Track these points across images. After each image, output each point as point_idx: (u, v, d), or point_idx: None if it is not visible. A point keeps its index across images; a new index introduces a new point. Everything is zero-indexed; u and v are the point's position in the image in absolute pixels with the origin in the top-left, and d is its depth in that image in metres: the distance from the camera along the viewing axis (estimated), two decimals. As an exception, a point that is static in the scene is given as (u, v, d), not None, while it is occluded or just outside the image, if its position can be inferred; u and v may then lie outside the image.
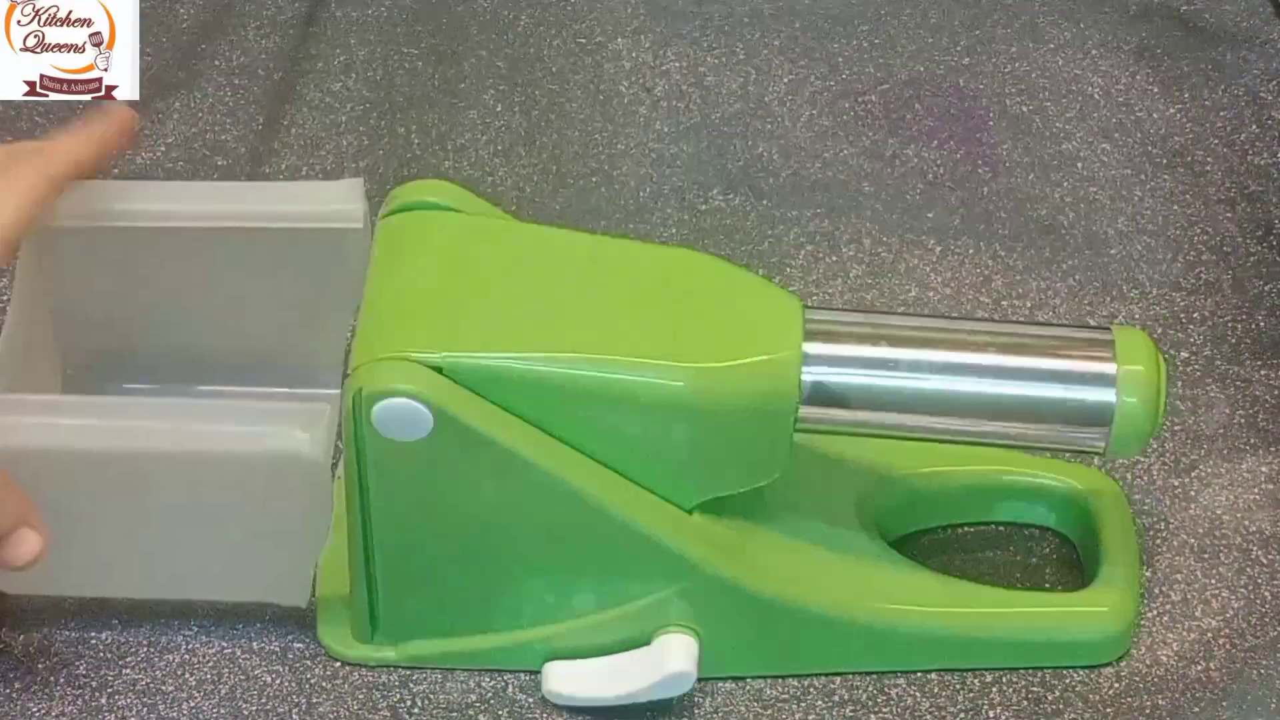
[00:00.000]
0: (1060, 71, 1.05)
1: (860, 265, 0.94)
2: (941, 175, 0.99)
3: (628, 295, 0.73)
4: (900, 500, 0.81)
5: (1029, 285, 0.93)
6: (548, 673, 0.76)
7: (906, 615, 0.77)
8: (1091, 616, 0.78)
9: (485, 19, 1.08)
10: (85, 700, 0.76)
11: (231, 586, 0.77)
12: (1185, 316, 0.92)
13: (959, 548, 0.83)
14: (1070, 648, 0.78)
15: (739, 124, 1.02)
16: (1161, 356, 0.73)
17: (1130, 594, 0.78)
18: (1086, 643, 0.78)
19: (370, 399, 0.69)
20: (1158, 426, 0.73)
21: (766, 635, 0.76)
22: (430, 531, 0.73)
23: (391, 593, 0.75)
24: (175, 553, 0.74)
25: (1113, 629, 0.78)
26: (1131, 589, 0.79)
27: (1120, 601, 0.78)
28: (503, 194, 0.97)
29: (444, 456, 0.70)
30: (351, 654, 0.77)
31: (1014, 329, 0.77)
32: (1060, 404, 0.73)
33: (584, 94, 1.04)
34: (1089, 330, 0.75)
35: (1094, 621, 0.78)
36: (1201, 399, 0.88)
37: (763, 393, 0.71)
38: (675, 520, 0.74)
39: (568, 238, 0.77)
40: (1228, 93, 1.04)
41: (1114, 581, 0.78)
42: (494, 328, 0.71)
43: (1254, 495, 0.84)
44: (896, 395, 0.73)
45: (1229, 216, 0.97)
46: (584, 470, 0.72)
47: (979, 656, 0.78)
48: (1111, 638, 0.78)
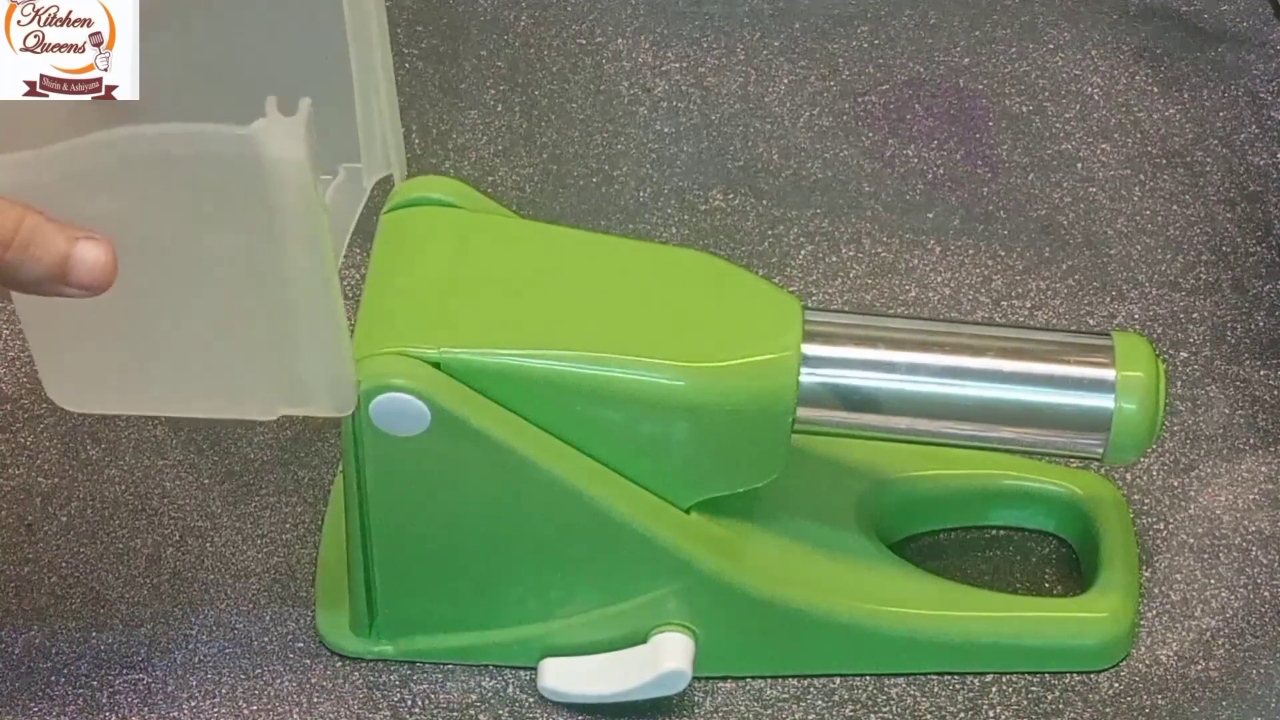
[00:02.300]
0: (1060, 72, 1.05)
1: (860, 265, 0.94)
2: (941, 175, 0.99)
3: (627, 294, 0.73)
4: (899, 503, 0.81)
5: (1029, 285, 0.93)
6: (544, 669, 0.76)
7: (904, 618, 0.77)
8: (1091, 622, 0.78)
9: (485, 19, 1.08)
10: (85, 700, 0.76)
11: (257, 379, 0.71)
12: (1185, 316, 0.92)
13: (957, 551, 0.83)
14: (1069, 652, 0.78)
15: (739, 124, 1.02)
16: (1161, 362, 0.73)
17: (1130, 599, 0.78)
18: (1085, 648, 0.77)
19: (368, 394, 0.69)
20: (1157, 434, 0.73)
21: (763, 635, 0.76)
22: (428, 526, 0.73)
23: (389, 587, 0.75)
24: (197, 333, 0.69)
25: (1112, 634, 0.78)
26: (1131, 594, 0.79)
27: (1120, 606, 0.78)
28: (503, 194, 0.97)
29: (441, 452, 0.71)
30: (349, 647, 0.77)
31: (1014, 333, 0.77)
32: (1059, 409, 0.73)
33: (584, 94, 1.04)
34: (1088, 335, 0.75)
35: (1093, 626, 0.78)
36: (1201, 399, 0.88)
37: (761, 393, 0.72)
38: (672, 519, 0.74)
39: (569, 236, 0.77)
40: (1227, 93, 1.04)
41: (1113, 586, 0.78)
42: (493, 324, 0.72)
43: (1253, 495, 0.84)
44: (895, 398, 0.73)
45: (1229, 216, 0.97)
46: (581, 468, 0.72)
47: (976, 661, 0.78)
48: (1111, 643, 0.78)
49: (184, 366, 0.70)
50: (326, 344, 0.68)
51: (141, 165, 0.64)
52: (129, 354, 0.69)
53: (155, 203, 0.65)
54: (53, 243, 0.64)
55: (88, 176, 0.64)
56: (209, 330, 0.69)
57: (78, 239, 0.64)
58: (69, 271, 0.64)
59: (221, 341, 0.69)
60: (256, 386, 0.70)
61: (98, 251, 0.64)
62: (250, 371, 0.70)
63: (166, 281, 0.67)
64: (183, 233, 0.66)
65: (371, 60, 0.75)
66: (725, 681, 0.77)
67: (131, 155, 0.64)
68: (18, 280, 0.65)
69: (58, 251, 0.64)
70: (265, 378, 0.70)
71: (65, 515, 0.82)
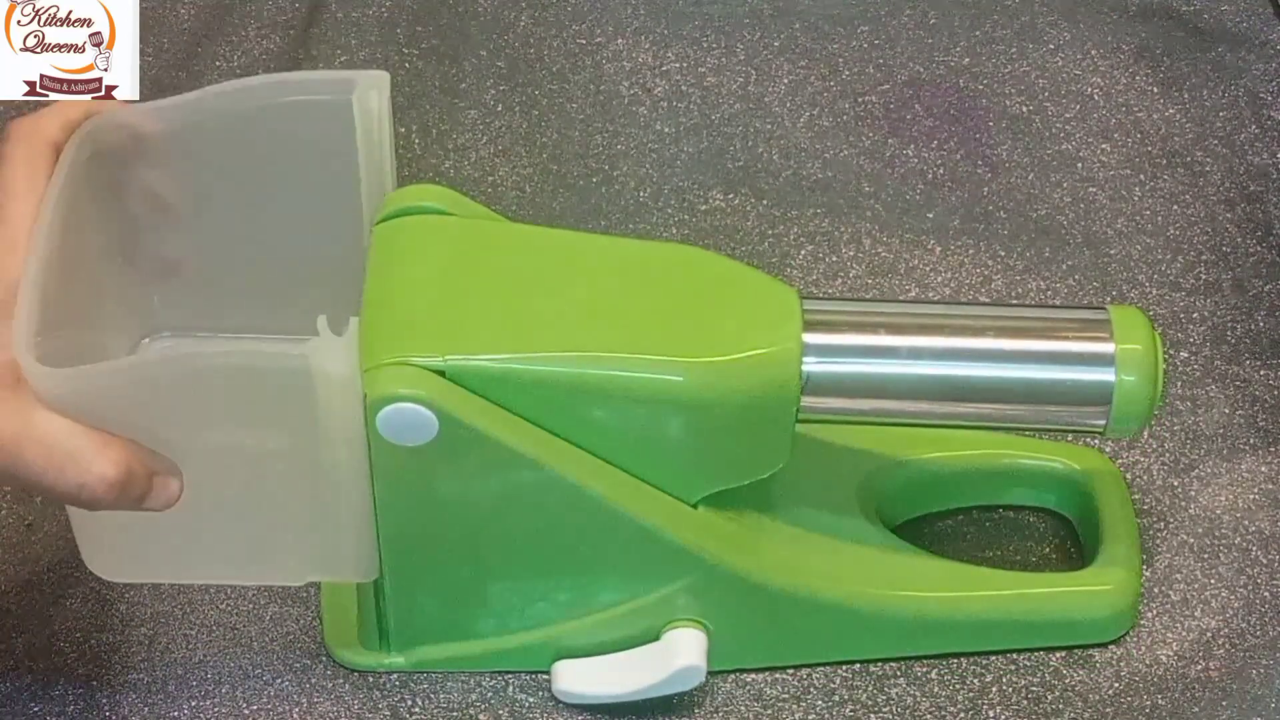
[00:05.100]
0: (1060, 72, 1.05)
1: (860, 265, 0.94)
2: (941, 175, 0.99)
3: (625, 292, 0.73)
4: (900, 486, 0.82)
5: (1029, 285, 0.93)
6: (558, 671, 0.76)
7: (913, 601, 0.77)
8: (1096, 595, 0.78)
9: (485, 19, 1.08)
10: (85, 700, 0.76)
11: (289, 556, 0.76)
12: (1185, 316, 0.92)
13: (959, 532, 0.83)
14: (1075, 626, 0.78)
15: (739, 124, 1.02)
16: (1157, 333, 0.74)
17: (1132, 571, 0.79)
18: (1091, 621, 0.78)
19: (375, 405, 0.69)
20: (1158, 403, 0.73)
21: (774, 626, 0.77)
22: (438, 535, 0.73)
23: (400, 598, 0.75)
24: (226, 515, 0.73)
25: (1118, 606, 0.78)
26: (1133, 566, 0.79)
27: (1123, 578, 0.79)
28: (503, 194, 0.97)
29: (449, 459, 0.71)
30: (361, 661, 0.77)
31: (1011, 312, 0.78)
32: (1060, 385, 0.73)
33: (584, 94, 1.04)
34: (1085, 310, 0.76)
35: (1099, 599, 0.78)
36: (1201, 399, 0.88)
37: (764, 384, 0.72)
38: (681, 515, 0.74)
39: (562, 237, 0.77)
40: (1227, 93, 1.04)
41: (1116, 559, 0.79)
42: (494, 329, 0.71)
43: (1254, 495, 0.84)
44: (899, 382, 0.73)
45: (1229, 217, 0.97)
46: (589, 468, 0.72)
47: (985, 639, 0.78)
48: (1116, 615, 0.78)
49: (224, 545, 0.74)
50: (360, 526, 0.73)
51: (200, 378, 0.68)
52: (171, 535, 0.72)
53: (210, 409, 0.69)
54: (138, 485, 0.68)
55: (150, 388, 0.68)
56: (250, 514, 0.73)
57: (156, 474, 0.69)
58: (142, 502, 0.69)
59: (261, 524, 0.73)
60: (290, 560, 0.75)
61: (174, 487, 0.69)
62: (285, 548, 0.74)
63: (214, 474, 0.71)
64: (233, 433, 0.70)
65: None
66: (725, 681, 0.77)
67: (192, 371, 0.68)
68: (94, 508, 0.69)
69: (139, 491, 0.68)
70: (299, 552, 0.74)
71: (66, 515, 0.82)
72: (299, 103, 0.74)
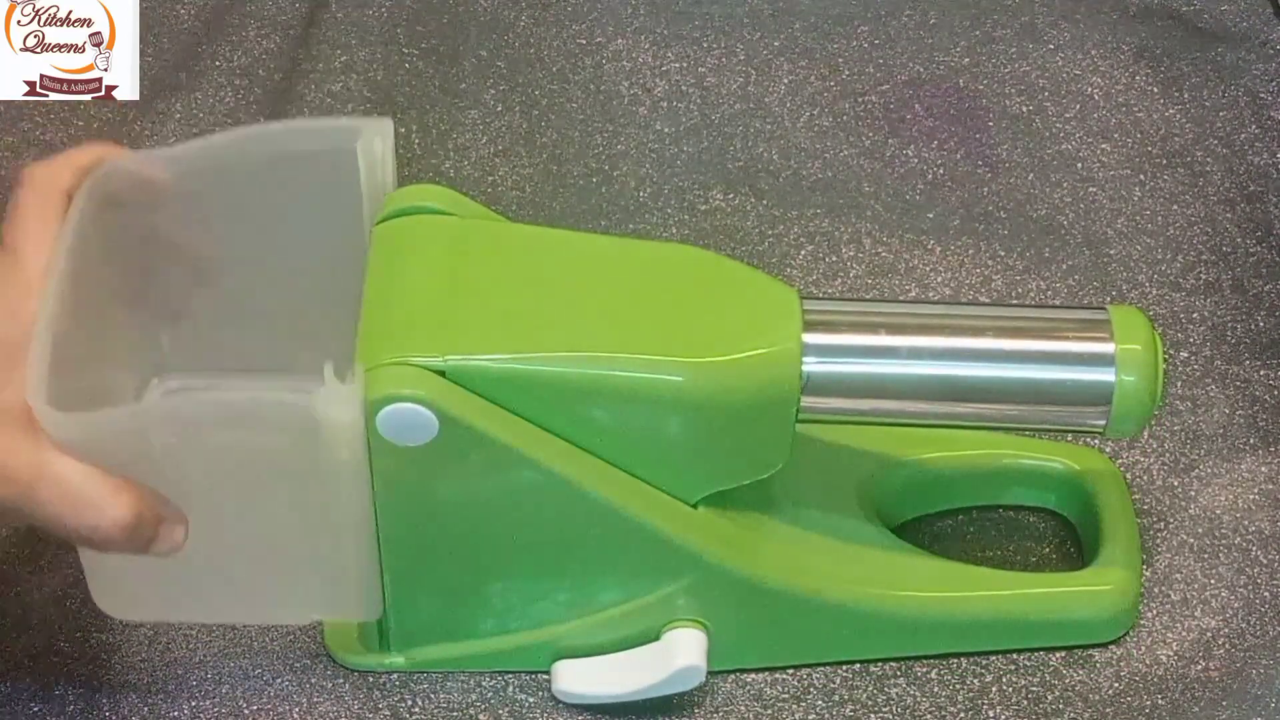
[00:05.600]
0: (1060, 72, 1.05)
1: (860, 265, 0.94)
2: (941, 175, 0.99)
3: (625, 292, 0.73)
4: (900, 487, 0.82)
5: (1029, 285, 0.93)
6: (558, 671, 0.76)
7: (913, 601, 0.77)
8: (1096, 595, 0.78)
9: (485, 19, 1.08)
10: (85, 700, 0.76)
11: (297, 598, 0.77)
12: (1185, 316, 0.92)
13: (959, 532, 0.83)
14: (1075, 626, 0.78)
15: (739, 124, 1.02)
16: (1157, 333, 0.74)
17: (1132, 571, 0.79)
18: (1091, 621, 0.78)
19: (375, 405, 0.69)
20: (1158, 403, 0.73)
21: (774, 626, 0.77)
22: (438, 535, 0.73)
23: (400, 598, 0.75)
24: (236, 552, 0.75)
25: (1119, 606, 0.78)
26: (1133, 566, 0.79)
27: (1123, 579, 0.79)
28: (503, 194, 0.97)
29: (450, 460, 0.71)
30: (361, 662, 0.77)
31: (1011, 312, 0.78)
32: (1060, 385, 0.73)
33: (584, 94, 1.04)
34: (1085, 310, 0.76)
35: (1098, 599, 0.78)
36: (1201, 399, 0.88)
37: (764, 384, 0.72)
38: (682, 515, 0.74)
39: (562, 237, 0.77)
40: (1227, 93, 1.04)
41: (1115, 559, 0.79)
42: (494, 329, 0.71)
43: (1254, 495, 0.84)
44: (899, 382, 0.73)
45: (1229, 217, 0.97)
46: (589, 469, 0.72)
47: (985, 639, 0.78)
48: (1116, 615, 0.78)
49: (231, 586, 0.75)
50: (365, 567, 0.74)
51: (206, 425, 0.69)
52: (178, 577, 0.73)
53: (217, 454, 0.70)
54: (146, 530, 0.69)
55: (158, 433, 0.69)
56: (257, 556, 0.74)
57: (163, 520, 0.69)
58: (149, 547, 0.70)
59: (267, 565, 0.74)
60: (295, 600, 0.76)
61: (179, 534, 0.70)
62: (291, 589, 0.75)
63: (221, 517, 0.72)
64: (240, 477, 0.71)
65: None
66: (725, 681, 0.77)
67: (198, 417, 0.69)
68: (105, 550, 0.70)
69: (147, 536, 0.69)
70: (304, 593, 0.76)
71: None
72: (305, 151, 0.75)
